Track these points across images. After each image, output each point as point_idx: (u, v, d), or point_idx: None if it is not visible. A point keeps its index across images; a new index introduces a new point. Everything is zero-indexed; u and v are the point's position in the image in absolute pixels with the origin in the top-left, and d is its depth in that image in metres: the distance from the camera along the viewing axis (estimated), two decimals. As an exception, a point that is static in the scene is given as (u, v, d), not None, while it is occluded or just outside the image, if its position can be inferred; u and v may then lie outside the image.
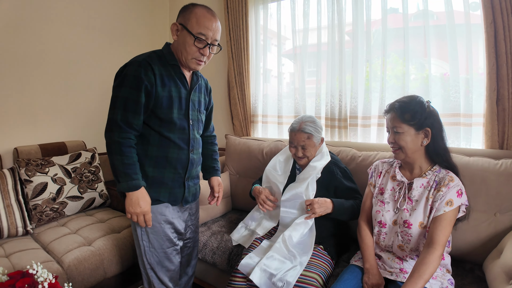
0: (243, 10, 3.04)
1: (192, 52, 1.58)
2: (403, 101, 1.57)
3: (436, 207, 1.47)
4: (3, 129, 2.68)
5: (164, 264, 1.77)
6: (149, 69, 1.55)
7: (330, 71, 2.68)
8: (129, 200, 1.57)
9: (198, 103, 1.78)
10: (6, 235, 2.30)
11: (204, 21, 1.56)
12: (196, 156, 1.78)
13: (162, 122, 1.62)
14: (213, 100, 3.43)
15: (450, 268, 1.59)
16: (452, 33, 2.18)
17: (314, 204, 1.83)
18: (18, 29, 2.69)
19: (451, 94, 2.22)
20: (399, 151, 1.58)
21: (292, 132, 2.05)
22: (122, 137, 1.54)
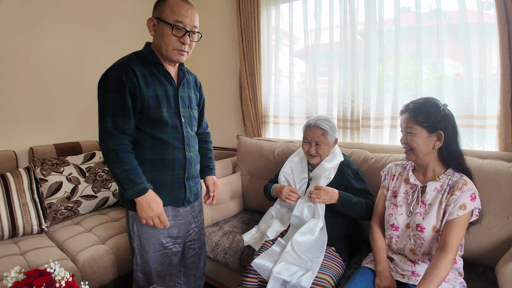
0: (255, 11, 3.05)
1: (172, 42, 1.55)
2: (418, 102, 1.56)
3: (449, 211, 1.46)
4: (19, 129, 2.73)
5: (153, 266, 1.71)
6: (129, 70, 1.51)
7: (343, 71, 2.67)
8: (140, 206, 1.53)
9: (189, 100, 1.73)
10: (21, 233, 2.34)
11: (179, 8, 1.53)
12: (193, 154, 1.74)
13: (154, 123, 1.58)
14: (225, 100, 3.49)
15: (462, 272, 1.59)
16: (466, 32, 2.16)
17: (321, 191, 1.86)
18: (32, 31, 2.74)
19: (464, 95, 2.20)
20: (411, 153, 1.58)
21: (307, 128, 2.06)
22: (116, 144, 1.50)
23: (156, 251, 1.70)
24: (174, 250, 1.77)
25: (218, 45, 3.59)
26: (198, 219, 1.92)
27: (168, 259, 1.76)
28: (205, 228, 2.45)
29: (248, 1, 3.07)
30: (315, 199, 1.87)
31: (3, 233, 2.25)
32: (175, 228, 1.73)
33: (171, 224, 1.71)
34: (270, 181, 2.32)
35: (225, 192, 2.62)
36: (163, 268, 1.75)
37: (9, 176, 2.39)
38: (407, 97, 2.41)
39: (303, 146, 2.09)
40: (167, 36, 1.54)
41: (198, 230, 1.93)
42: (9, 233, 2.28)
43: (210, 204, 1.98)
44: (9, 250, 2.14)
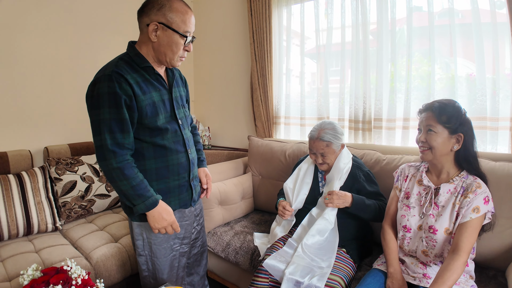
0: (267, 13, 3.05)
1: (177, 50, 1.49)
2: (443, 102, 1.55)
3: (463, 214, 1.46)
4: (34, 129, 2.79)
5: (165, 270, 1.70)
6: (122, 81, 1.40)
7: (354, 70, 2.66)
8: (152, 218, 1.51)
9: (181, 98, 1.69)
10: (36, 230, 2.39)
11: (187, 17, 1.47)
12: (194, 155, 1.72)
13: (153, 131, 1.51)
14: (236, 101, 3.51)
15: (473, 275, 1.58)
16: (478, 32, 2.13)
17: (333, 195, 1.86)
18: (46, 33, 2.80)
19: (477, 96, 2.18)
20: (428, 152, 1.56)
21: (311, 140, 2.05)
22: (119, 161, 1.42)
23: (167, 256, 1.68)
24: (181, 251, 1.76)
25: (230, 46, 3.61)
26: (199, 217, 1.90)
27: (177, 262, 1.75)
28: (216, 228, 2.49)
29: (259, 2, 3.08)
30: (328, 204, 1.87)
31: (18, 230, 2.30)
32: (181, 229, 1.70)
33: (181, 222, 1.70)
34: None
35: (236, 192, 2.63)
36: (173, 271, 1.74)
37: (24, 175, 2.44)
38: (419, 98, 2.40)
39: (310, 156, 2.10)
40: (176, 46, 1.48)
41: (200, 228, 1.91)
42: (24, 230, 2.33)
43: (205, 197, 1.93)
44: (24, 248, 2.19)
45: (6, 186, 2.31)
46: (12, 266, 1.98)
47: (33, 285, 1.17)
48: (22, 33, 2.66)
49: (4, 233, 2.24)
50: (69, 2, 2.90)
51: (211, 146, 3.83)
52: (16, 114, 2.69)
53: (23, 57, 2.68)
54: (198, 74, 4.03)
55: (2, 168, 2.48)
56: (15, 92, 2.66)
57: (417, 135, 1.62)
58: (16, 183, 2.36)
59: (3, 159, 2.49)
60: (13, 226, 2.27)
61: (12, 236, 2.30)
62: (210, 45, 3.81)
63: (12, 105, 2.66)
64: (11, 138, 2.67)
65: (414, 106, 2.37)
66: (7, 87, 2.62)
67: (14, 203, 2.30)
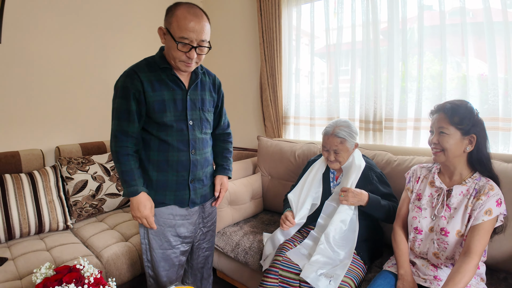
0: (276, 13, 3.06)
1: (179, 56, 1.55)
2: (455, 103, 1.54)
3: (475, 216, 1.44)
4: (46, 129, 2.82)
5: (160, 263, 1.78)
6: (135, 77, 1.57)
7: (365, 70, 2.64)
8: (131, 205, 1.65)
9: (201, 102, 1.73)
10: (47, 229, 2.42)
11: (185, 23, 1.49)
12: (200, 157, 1.74)
13: (159, 126, 1.63)
14: (246, 101, 3.51)
15: (484, 277, 1.56)
16: (490, 31, 2.11)
17: (349, 193, 1.86)
18: (58, 34, 2.83)
19: (489, 97, 2.15)
20: (441, 153, 1.55)
21: (325, 136, 2.04)
22: (118, 145, 1.61)
23: (164, 249, 1.76)
24: (182, 249, 1.82)
25: (240, 47, 3.62)
26: (208, 220, 1.95)
27: (177, 259, 1.81)
28: (226, 228, 2.49)
29: (269, 2, 3.08)
30: (343, 201, 1.87)
31: (30, 229, 2.32)
32: (183, 228, 1.78)
33: (179, 224, 1.77)
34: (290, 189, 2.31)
35: (246, 192, 2.64)
36: (171, 267, 1.81)
37: (36, 174, 2.46)
38: (430, 98, 2.38)
39: (323, 153, 2.08)
40: (173, 50, 1.54)
41: (206, 231, 1.95)
42: (35, 229, 2.35)
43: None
44: (36, 246, 2.22)
45: (18, 185, 2.34)
46: (23, 264, 2.00)
47: (46, 283, 1.18)
48: (35, 35, 2.69)
49: (16, 232, 2.27)
50: (81, 4, 2.93)
51: (221, 146, 3.82)
52: (28, 114, 2.72)
53: (36, 58, 2.71)
54: (208, 74, 4.02)
55: (14, 167, 2.50)
56: (27, 92, 2.70)
57: (429, 136, 1.61)
58: (28, 182, 2.39)
59: (15, 158, 2.52)
60: (25, 224, 2.29)
61: (24, 235, 2.32)
62: (220, 45, 3.83)
63: (24, 105, 2.69)
64: (23, 137, 2.70)
65: (425, 106, 2.35)
66: (19, 88, 2.65)
67: (26, 201, 2.32)
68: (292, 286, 1.78)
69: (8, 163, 2.48)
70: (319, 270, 1.72)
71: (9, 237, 2.26)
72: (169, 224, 1.75)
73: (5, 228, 2.22)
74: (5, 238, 2.24)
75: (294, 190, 2.16)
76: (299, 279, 1.76)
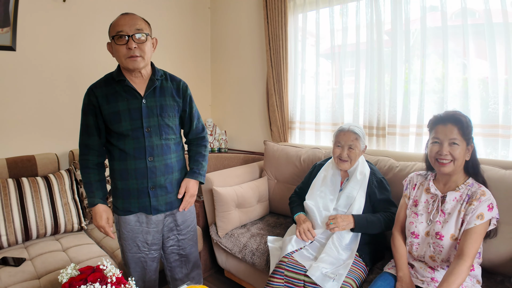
0: (283, 21, 3.13)
1: (122, 52, 1.64)
2: (460, 114, 1.59)
3: (467, 220, 1.51)
4: (60, 134, 2.93)
5: (131, 266, 1.88)
6: (91, 94, 1.71)
7: (369, 71, 2.68)
8: (92, 215, 1.80)
9: (160, 108, 1.76)
10: (63, 230, 2.51)
11: (117, 21, 1.65)
12: (159, 164, 1.77)
13: (118, 136, 1.73)
14: (252, 106, 3.59)
15: (480, 279, 1.63)
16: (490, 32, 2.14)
17: (337, 218, 1.93)
18: (74, 42, 2.94)
19: (490, 105, 2.19)
20: (451, 164, 1.57)
21: (341, 132, 2.10)
22: (80, 159, 1.78)
23: (133, 253, 1.86)
24: (150, 256, 1.90)
25: (247, 53, 3.71)
26: (183, 228, 1.97)
27: (146, 264, 1.90)
28: (234, 230, 2.57)
29: (275, 10, 3.15)
30: (334, 229, 1.92)
31: (46, 230, 2.42)
32: (149, 235, 1.85)
33: (145, 231, 1.84)
34: (295, 192, 2.38)
35: (252, 195, 2.71)
36: (141, 270, 1.90)
37: (52, 178, 2.56)
38: (434, 100, 2.43)
39: (335, 151, 2.11)
40: (116, 49, 1.65)
41: (181, 238, 1.98)
42: (52, 230, 2.45)
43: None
44: (52, 247, 2.31)
45: (35, 188, 2.43)
46: (41, 264, 2.08)
47: (72, 282, 1.26)
48: (48, 43, 2.80)
49: (33, 233, 2.36)
50: (93, 14, 3.04)
51: (228, 149, 3.92)
52: (43, 119, 2.82)
53: (50, 65, 2.82)
54: (215, 79, 4.13)
55: (30, 171, 2.60)
56: (41, 98, 2.80)
57: (433, 147, 1.62)
58: (44, 185, 2.49)
59: (31, 162, 2.62)
60: (41, 225, 2.38)
61: (40, 235, 2.42)
62: (227, 51, 3.92)
63: (39, 110, 2.80)
64: (38, 142, 2.81)
65: (427, 113, 2.40)
66: (34, 94, 2.76)
67: (42, 204, 2.42)
68: (297, 286, 1.85)
69: (24, 167, 2.58)
70: (324, 269, 1.80)
71: (26, 238, 2.35)
72: (136, 231, 1.83)
73: (22, 229, 2.31)
74: (22, 239, 2.33)
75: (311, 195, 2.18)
76: (303, 280, 1.83)
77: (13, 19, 2.60)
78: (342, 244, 1.95)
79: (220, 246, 2.57)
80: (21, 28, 2.65)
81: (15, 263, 2.05)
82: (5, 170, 2.49)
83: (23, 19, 2.65)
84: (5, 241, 2.24)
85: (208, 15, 4.07)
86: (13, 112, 2.67)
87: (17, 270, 1.99)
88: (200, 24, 4.00)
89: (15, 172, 2.53)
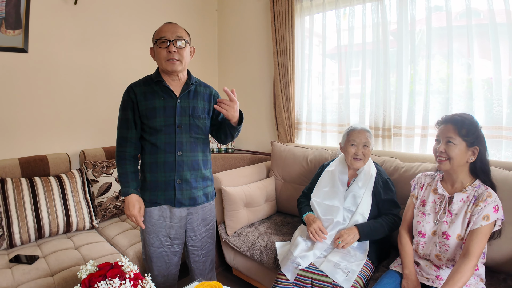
0: (289, 23, 3.17)
1: (162, 54, 1.80)
2: (463, 116, 1.64)
3: (474, 221, 1.55)
4: (71, 134, 2.98)
5: (153, 260, 1.95)
6: (131, 91, 1.86)
7: (375, 72, 2.71)
8: (124, 204, 1.87)
9: (192, 109, 1.89)
10: (75, 228, 2.56)
11: (161, 28, 1.82)
12: (186, 159, 1.88)
13: (151, 131, 1.85)
14: (259, 107, 3.64)
15: (484, 278, 1.67)
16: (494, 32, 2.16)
17: (344, 235, 1.95)
18: (85, 44, 2.99)
19: (493, 107, 2.22)
20: (446, 162, 1.64)
21: (354, 131, 2.14)
22: (118, 150, 1.89)
23: (156, 247, 1.94)
24: (172, 250, 1.98)
25: (254, 55, 3.74)
26: (202, 228, 2.05)
27: (168, 258, 1.98)
28: (242, 228, 2.61)
29: (282, 13, 3.19)
30: (345, 246, 1.94)
31: (58, 228, 2.47)
32: (172, 229, 1.95)
33: (168, 225, 1.94)
34: (303, 193, 2.39)
35: (260, 195, 2.75)
36: (162, 265, 1.97)
37: (64, 177, 2.61)
38: (439, 101, 2.46)
39: (349, 150, 2.12)
40: (157, 52, 1.82)
41: (201, 238, 2.06)
42: (64, 228, 2.50)
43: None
44: (65, 245, 2.35)
45: (47, 187, 2.49)
46: (54, 261, 2.12)
47: (91, 278, 1.31)
48: (59, 44, 2.85)
49: (46, 231, 2.41)
50: (103, 16, 3.09)
51: (235, 149, 3.96)
52: (54, 120, 2.88)
53: (61, 66, 2.87)
54: (222, 80, 4.17)
55: (43, 171, 2.66)
56: (53, 99, 2.85)
57: (435, 145, 1.71)
58: (56, 184, 2.54)
59: (44, 162, 2.68)
60: (54, 224, 2.43)
61: (53, 234, 2.46)
62: (235, 53, 3.96)
63: (51, 111, 2.85)
64: (50, 142, 2.86)
65: (432, 114, 2.43)
66: (46, 95, 2.81)
67: (55, 202, 2.47)
68: (304, 283, 1.89)
69: (36, 167, 2.63)
70: (336, 265, 1.85)
71: (39, 236, 2.39)
72: (160, 225, 1.92)
73: (35, 228, 2.36)
74: (35, 237, 2.37)
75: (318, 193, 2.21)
76: (311, 277, 1.87)
77: (24, 21, 2.64)
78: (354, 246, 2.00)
79: (228, 244, 2.61)
80: (33, 30, 2.70)
81: (28, 261, 2.10)
82: (18, 170, 2.54)
83: (35, 21, 2.70)
84: (18, 239, 2.29)
85: (215, 17, 4.11)
86: (25, 113, 2.72)
87: (31, 268, 2.03)
88: (207, 26, 4.04)
89: (28, 172, 2.58)
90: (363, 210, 2.04)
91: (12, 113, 2.66)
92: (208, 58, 4.10)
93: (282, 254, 2.14)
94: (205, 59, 4.05)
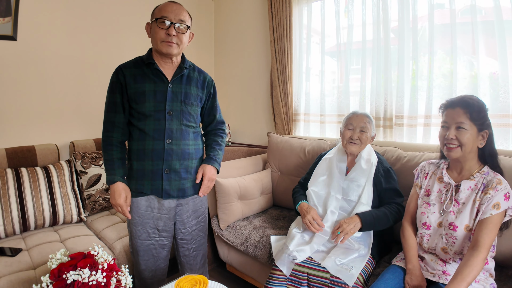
0: (287, 10, 3.08)
1: (159, 35, 1.69)
2: (472, 98, 1.53)
3: (483, 210, 1.44)
4: (61, 125, 2.90)
5: (140, 253, 1.85)
6: (119, 73, 1.75)
7: (376, 69, 2.65)
8: (110, 192, 1.77)
9: (184, 95, 1.81)
10: (62, 221, 2.48)
11: (164, 7, 1.71)
12: (176, 147, 1.78)
13: (140, 116, 1.75)
14: (256, 98, 3.54)
15: (493, 273, 1.56)
16: (501, 29, 2.10)
17: (343, 225, 1.83)
18: (76, 32, 2.91)
19: (500, 94, 2.15)
20: (458, 149, 1.52)
21: (353, 115, 2.09)
22: (104, 135, 1.79)
23: (143, 239, 1.84)
24: (160, 243, 1.88)
25: (250, 44, 3.66)
26: (192, 221, 1.96)
27: (155, 251, 1.88)
28: (236, 222, 2.52)
29: (280, 0, 3.10)
30: (345, 237, 1.82)
31: (44, 221, 2.39)
32: (160, 221, 1.85)
33: (157, 217, 1.84)
34: (299, 183, 2.32)
35: (255, 187, 2.66)
36: (150, 258, 1.87)
37: (51, 168, 2.53)
38: (441, 96, 2.37)
39: (345, 133, 2.07)
40: (155, 31, 1.70)
41: (191, 231, 1.97)
42: (50, 221, 2.42)
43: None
44: (50, 237, 2.28)
45: (33, 178, 2.40)
46: (37, 254, 2.06)
47: (61, 268, 1.21)
48: (49, 33, 2.77)
49: (31, 223, 2.33)
50: (94, 4, 3.01)
51: (231, 143, 3.88)
52: (44, 110, 2.79)
53: (50, 55, 2.79)
54: (219, 71, 4.09)
55: (30, 161, 2.57)
56: (42, 88, 2.77)
57: (442, 131, 1.59)
58: (43, 175, 2.45)
59: (31, 153, 2.59)
60: (39, 216, 2.35)
61: (39, 226, 2.38)
62: (231, 42, 3.87)
63: (40, 101, 2.76)
64: (38, 132, 2.78)
65: (435, 103, 2.35)
66: (35, 84, 2.73)
67: (41, 194, 2.38)
68: (300, 279, 1.79)
69: (24, 157, 2.55)
70: (338, 261, 1.75)
71: (24, 229, 2.32)
72: (147, 217, 1.82)
73: (20, 220, 2.28)
74: (20, 229, 2.30)
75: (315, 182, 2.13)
76: (307, 272, 1.78)
77: (14, 8, 2.58)
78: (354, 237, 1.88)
79: (222, 238, 2.52)
80: (23, 17, 2.62)
81: (11, 253, 2.03)
82: (4, 160, 2.46)
83: (25, 9, 2.62)
84: (2, 231, 2.22)
85: (212, 7, 4.03)
86: (13, 102, 2.64)
87: (13, 260, 1.97)
88: (203, 16, 3.95)
89: (15, 162, 2.50)
90: (365, 199, 1.94)
91: (0, 103, 2.58)
92: (204, 48, 4.03)
93: (277, 248, 2.05)
94: (201, 49, 3.97)
